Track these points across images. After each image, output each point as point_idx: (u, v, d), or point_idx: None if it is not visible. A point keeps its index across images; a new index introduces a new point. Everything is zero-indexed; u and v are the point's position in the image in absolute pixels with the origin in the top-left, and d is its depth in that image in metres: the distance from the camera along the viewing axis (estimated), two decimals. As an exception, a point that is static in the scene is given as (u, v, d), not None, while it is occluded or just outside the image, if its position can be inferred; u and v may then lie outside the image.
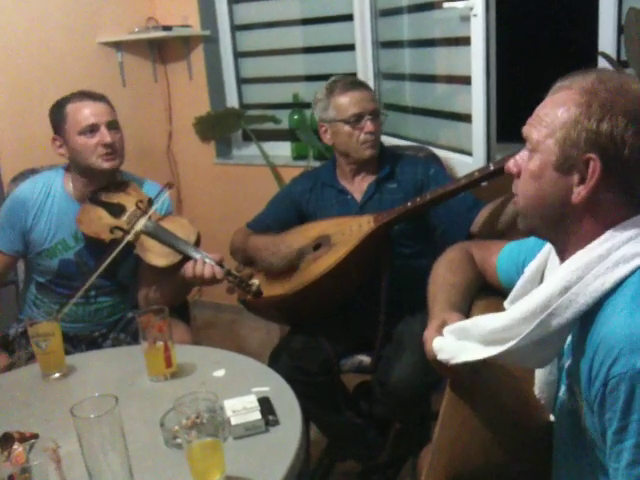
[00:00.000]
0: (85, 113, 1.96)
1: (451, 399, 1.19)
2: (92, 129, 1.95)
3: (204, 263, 1.81)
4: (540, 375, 1.17)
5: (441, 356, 1.14)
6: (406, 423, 2.06)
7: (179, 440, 1.25)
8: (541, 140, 1.00)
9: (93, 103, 1.98)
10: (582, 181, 0.96)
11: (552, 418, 1.18)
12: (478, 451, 1.17)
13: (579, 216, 0.99)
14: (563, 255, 1.04)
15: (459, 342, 1.11)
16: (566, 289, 0.96)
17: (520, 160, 1.06)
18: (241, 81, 3.66)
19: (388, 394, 1.88)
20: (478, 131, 2.37)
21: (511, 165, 1.07)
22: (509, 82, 2.56)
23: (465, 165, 2.42)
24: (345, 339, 2.06)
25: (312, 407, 1.89)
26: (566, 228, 1.01)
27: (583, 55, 2.42)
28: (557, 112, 0.99)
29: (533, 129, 1.02)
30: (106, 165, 1.97)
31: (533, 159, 1.02)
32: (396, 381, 1.84)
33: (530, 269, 1.19)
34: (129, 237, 1.91)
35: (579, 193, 0.97)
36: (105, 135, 1.95)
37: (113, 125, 1.99)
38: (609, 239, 0.96)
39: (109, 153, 1.96)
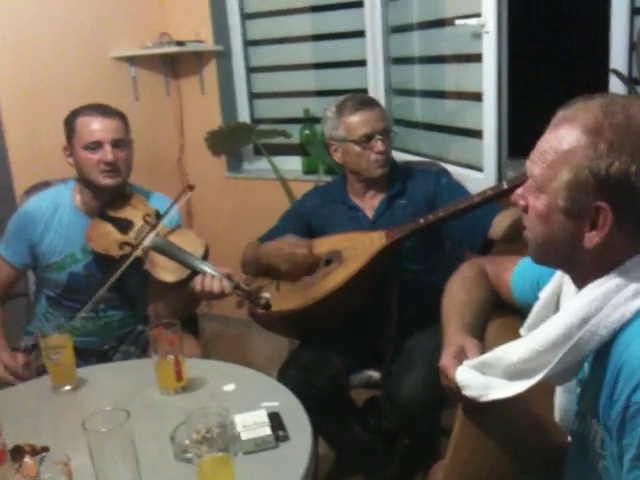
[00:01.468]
0: (91, 129, 1.96)
1: (463, 421, 1.18)
2: (96, 146, 1.95)
3: (213, 277, 1.81)
4: (559, 403, 1.16)
5: (468, 392, 1.11)
6: (415, 438, 2.04)
7: (189, 454, 1.25)
8: (546, 181, 0.96)
9: (102, 119, 1.97)
10: (593, 226, 0.94)
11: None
12: (491, 473, 1.16)
13: (591, 257, 0.97)
14: (579, 284, 1.03)
15: (483, 377, 1.09)
16: (585, 321, 0.94)
17: (527, 193, 1.02)
18: (253, 96, 3.68)
19: (397, 409, 1.86)
20: (489, 147, 2.37)
21: (518, 198, 1.04)
22: (520, 98, 2.56)
23: (476, 181, 2.42)
24: (354, 353, 2.05)
25: (320, 421, 1.87)
26: (578, 266, 1.00)
27: (595, 72, 2.43)
28: (560, 150, 0.95)
29: (536, 166, 0.98)
30: (106, 182, 1.97)
31: (540, 199, 0.99)
32: (405, 396, 1.83)
33: (545, 294, 1.18)
34: (137, 252, 1.92)
35: (591, 239, 0.94)
36: (107, 153, 1.94)
37: (119, 143, 1.98)
38: (626, 270, 0.95)
39: (110, 171, 1.96)
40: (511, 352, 1.05)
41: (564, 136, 0.95)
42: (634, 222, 0.93)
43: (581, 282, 1.01)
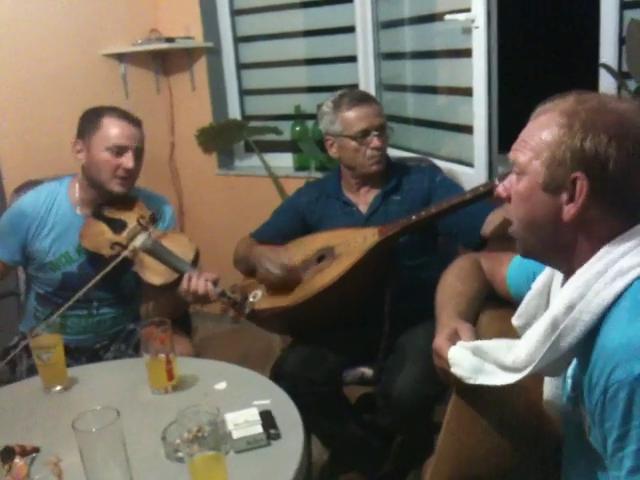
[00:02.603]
0: (119, 132, 1.96)
1: (457, 403, 1.19)
2: (120, 150, 1.95)
3: (199, 279, 1.81)
4: (547, 389, 1.17)
5: (457, 371, 1.13)
6: (409, 435, 2.04)
7: (181, 454, 1.25)
8: (527, 162, 1.03)
9: (129, 125, 1.98)
10: (571, 199, 0.98)
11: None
12: (483, 457, 1.17)
13: (573, 234, 1.01)
14: (566, 275, 1.05)
15: (475, 358, 1.12)
16: (570, 308, 0.97)
17: (509, 184, 1.08)
18: (243, 92, 3.67)
19: (391, 406, 1.86)
20: (480, 142, 2.37)
21: (501, 190, 1.09)
22: (510, 93, 2.56)
23: (467, 176, 2.43)
24: (348, 350, 2.05)
25: (314, 419, 1.88)
26: (562, 247, 1.03)
27: (585, 66, 2.43)
28: (540, 135, 1.01)
29: (519, 153, 1.05)
30: (117, 189, 1.98)
31: (521, 181, 1.04)
32: (399, 393, 1.83)
33: (537, 284, 1.20)
34: (125, 253, 1.91)
35: (569, 211, 0.98)
36: (129, 160, 1.95)
37: (139, 153, 2.00)
38: (605, 255, 0.98)
39: (125, 178, 1.97)
40: (509, 353, 1.06)
41: (543, 122, 1.02)
42: (610, 196, 0.98)
43: (569, 273, 1.03)
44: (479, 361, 1.11)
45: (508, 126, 2.43)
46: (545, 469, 1.18)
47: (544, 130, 1.01)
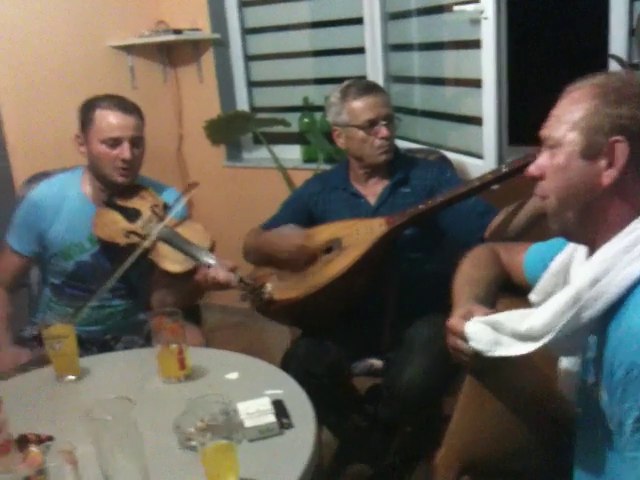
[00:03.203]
0: (112, 124, 1.95)
1: (470, 384, 1.19)
2: (114, 142, 1.95)
3: (218, 268, 1.82)
4: (563, 367, 1.17)
5: (476, 346, 1.13)
6: (415, 426, 2.05)
7: (193, 442, 1.25)
8: (563, 135, 1.05)
9: (123, 115, 1.96)
10: (610, 165, 1.01)
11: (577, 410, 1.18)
12: (494, 438, 1.17)
13: (609, 200, 1.03)
14: (592, 251, 1.06)
15: (493, 333, 1.12)
16: (595, 281, 0.99)
17: (542, 162, 1.09)
18: (251, 84, 3.67)
19: (398, 398, 1.86)
20: (489, 134, 2.37)
21: (533, 169, 1.10)
22: (520, 84, 2.56)
23: (476, 168, 2.42)
24: (355, 342, 2.05)
25: (321, 410, 1.89)
26: (597, 215, 1.04)
27: (594, 57, 2.42)
28: (574, 108, 1.04)
29: (553, 128, 1.07)
30: (119, 179, 1.99)
31: (557, 155, 1.06)
32: (406, 385, 1.83)
33: (555, 263, 1.21)
34: (147, 243, 1.92)
35: (609, 175, 1.01)
36: (125, 151, 1.94)
37: (137, 141, 1.98)
38: (634, 230, 0.99)
39: (125, 168, 1.97)
40: (523, 320, 1.08)
41: (575, 97, 1.06)
42: None
43: (596, 247, 1.04)
44: (496, 334, 1.11)
45: (517, 117, 2.43)
46: (555, 451, 1.18)
47: (578, 104, 1.04)
